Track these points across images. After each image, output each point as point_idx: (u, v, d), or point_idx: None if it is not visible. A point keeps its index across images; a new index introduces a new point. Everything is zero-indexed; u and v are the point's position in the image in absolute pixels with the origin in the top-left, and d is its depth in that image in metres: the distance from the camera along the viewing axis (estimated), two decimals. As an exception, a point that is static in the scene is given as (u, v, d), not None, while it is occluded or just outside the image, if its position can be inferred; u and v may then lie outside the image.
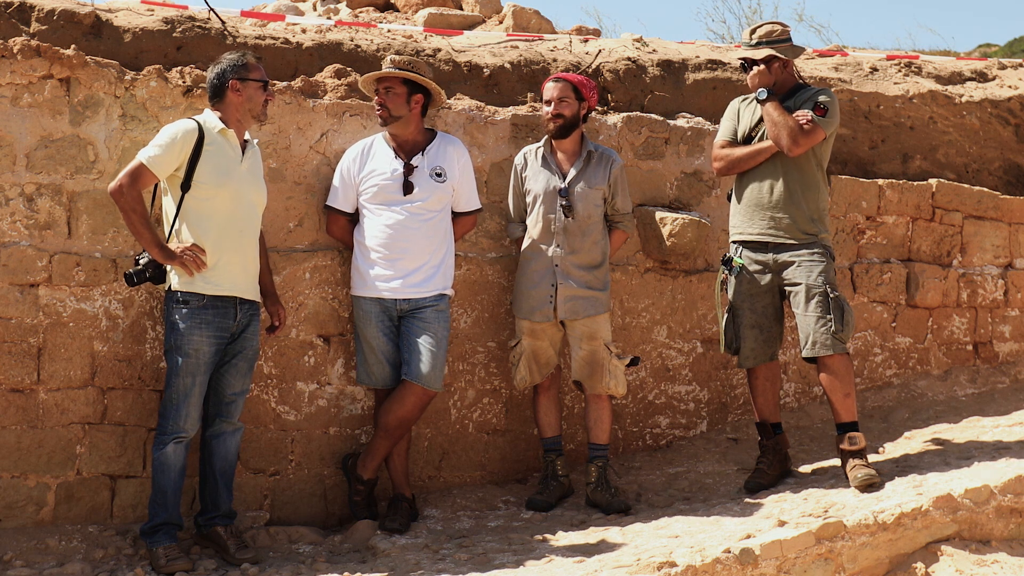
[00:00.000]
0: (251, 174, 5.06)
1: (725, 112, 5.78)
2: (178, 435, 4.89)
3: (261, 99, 5.03)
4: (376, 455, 5.47)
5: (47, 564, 4.86)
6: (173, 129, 4.90)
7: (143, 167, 4.82)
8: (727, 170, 5.66)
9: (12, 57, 5.09)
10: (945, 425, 6.26)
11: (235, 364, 5.03)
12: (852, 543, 4.69)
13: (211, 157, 4.90)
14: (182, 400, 4.88)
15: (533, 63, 6.70)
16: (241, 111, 5.01)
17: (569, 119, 5.67)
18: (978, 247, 7.14)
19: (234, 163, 4.98)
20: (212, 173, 4.89)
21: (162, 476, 4.89)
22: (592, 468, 5.67)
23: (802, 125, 5.40)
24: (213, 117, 4.99)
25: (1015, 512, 4.98)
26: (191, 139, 4.87)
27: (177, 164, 4.86)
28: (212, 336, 4.91)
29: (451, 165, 5.54)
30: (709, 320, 6.42)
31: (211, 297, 4.90)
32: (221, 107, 5.01)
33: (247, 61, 5.02)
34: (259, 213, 5.12)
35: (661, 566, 4.42)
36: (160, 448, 4.89)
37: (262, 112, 5.06)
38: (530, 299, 5.69)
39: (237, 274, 4.96)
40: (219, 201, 4.91)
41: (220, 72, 4.99)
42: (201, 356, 4.90)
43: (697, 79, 6.96)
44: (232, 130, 4.99)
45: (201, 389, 4.93)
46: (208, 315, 4.90)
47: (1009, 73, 8.12)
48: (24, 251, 5.10)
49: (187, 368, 4.88)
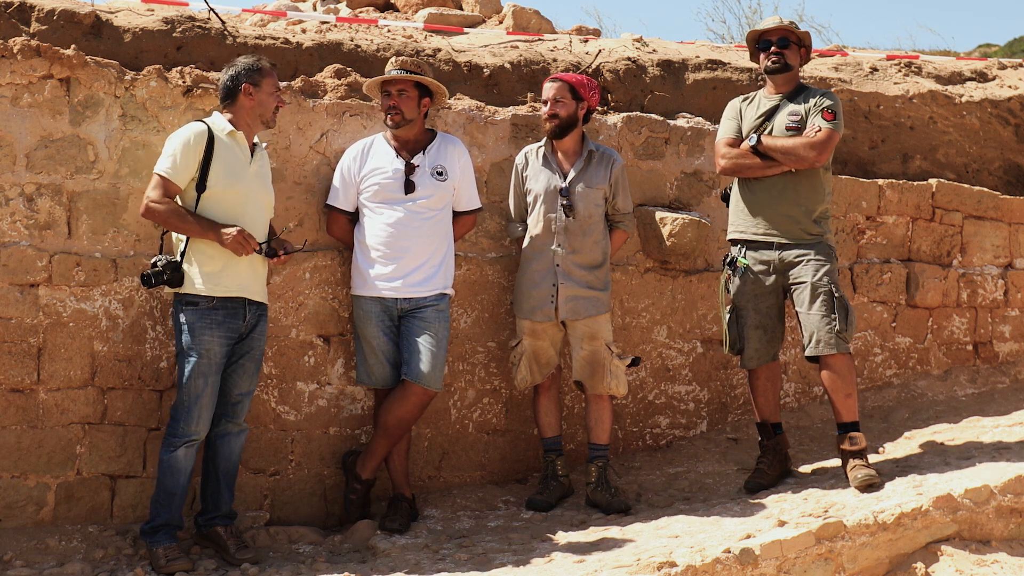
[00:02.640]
0: (259, 176, 5.08)
1: (725, 111, 5.75)
2: (189, 438, 4.90)
3: (272, 105, 5.06)
4: (376, 455, 5.47)
5: (47, 564, 4.86)
6: (184, 134, 4.92)
7: (162, 180, 4.87)
8: (733, 171, 5.62)
9: (12, 57, 5.09)
10: (945, 425, 6.26)
11: (242, 365, 5.04)
12: (852, 543, 4.69)
13: (221, 159, 4.92)
14: (194, 402, 4.88)
15: (533, 63, 6.70)
16: (251, 116, 5.03)
17: (565, 120, 5.67)
18: (978, 247, 7.14)
19: (243, 165, 5.00)
20: (223, 175, 4.91)
21: (170, 479, 4.89)
22: (592, 468, 5.67)
23: (812, 142, 5.40)
24: (222, 119, 5.01)
25: (1015, 512, 4.98)
26: (202, 141, 4.89)
27: (193, 168, 4.88)
28: (223, 336, 4.92)
29: (452, 164, 5.54)
30: (709, 320, 6.42)
31: (220, 298, 4.91)
32: (232, 110, 5.03)
33: (262, 66, 5.05)
34: (268, 215, 5.14)
35: (661, 566, 4.42)
36: (170, 451, 4.89)
37: (272, 118, 5.09)
38: (531, 299, 5.69)
39: (245, 275, 4.97)
40: (229, 203, 4.93)
41: (234, 75, 5.01)
42: (213, 357, 4.90)
43: (697, 79, 6.96)
44: (241, 132, 5.00)
45: (213, 391, 4.93)
46: (219, 316, 4.90)
47: (1009, 73, 8.12)
48: (24, 251, 5.10)
49: (199, 370, 4.88)
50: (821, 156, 5.43)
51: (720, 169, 5.68)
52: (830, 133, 5.43)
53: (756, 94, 5.72)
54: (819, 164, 5.46)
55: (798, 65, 5.64)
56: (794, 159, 5.44)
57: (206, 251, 4.90)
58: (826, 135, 5.42)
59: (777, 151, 5.46)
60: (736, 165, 5.58)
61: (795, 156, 5.43)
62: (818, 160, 5.43)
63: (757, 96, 5.70)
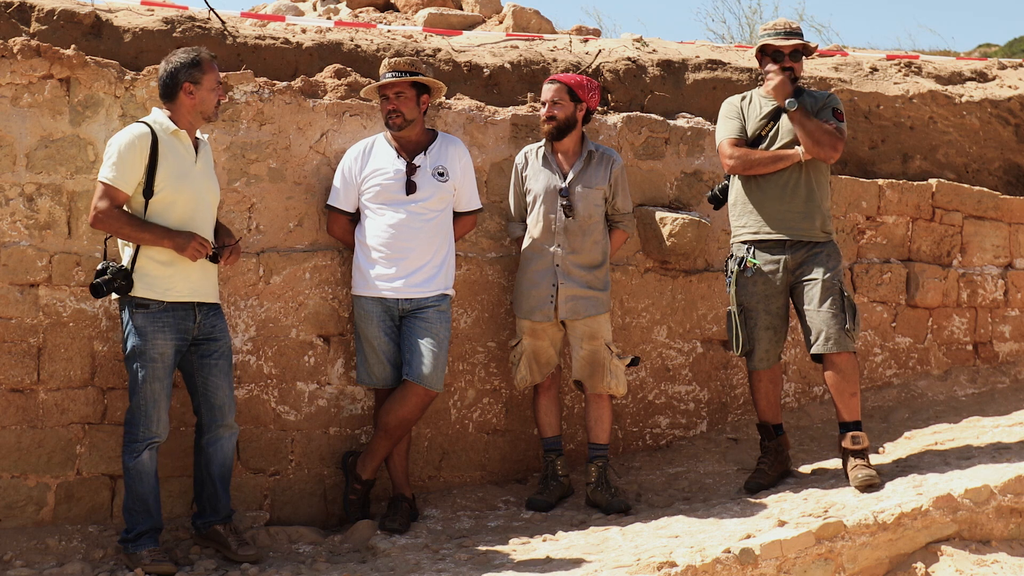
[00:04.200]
0: (204, 173, 4.95)
1: (723, 110, 5.70)
2: (151, 440, 4.81)
3: (214, 100, 4.89)
4: (376, 455, 5.47)
5: (47, 564, 4.86)
6: (126, 138, 4.76)
7: (108, 188, 4.72)
8: (742, 170, 5.56)
9: (12, 57, 5.09)
10: (945, 425, 6.26)
11: (216, 364, 4.95)
12: (852, 543, 4.70)
13: (167, 161, 4.78)
14: (151, 406, 4.80)
15: (533, 63, 6.70)
16: (193, 113, 4.87)
17: (562, 122, 5.67)
18: (978, 247, 7.14)
19: (189, 164, 4.87)
20: (170, 178, 4.78)
21: (140, 484, 4.80)
22: (592, 468, 5.67)
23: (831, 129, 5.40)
24: (163, 117, 4.86)
25: (1015, 512, 4.98)
26: (145, 144, 4.74)
27: (140, 173, 4.74)
28: (174, 339, 4.82)
29: (453, 165, 5.54)
30: (709, 320, 6.42)
31: (170, 302, 4.82)
32: (172, 107, 4.87)
33: (201, 59, 4.86)
34: (215, 211, 5.01)
35: (661, 566, 4.42)
36: (134, 456, 4.80)
37: (214, 113, 4.93)
38: (531, 299, 5.69)
39: (196, 279, 4.86)
40: (179, 206, 4.80)
41: (172, 72, 4.83)
42: (166, 360, 4.81)
43: (697, 79, 6.96)
44: (184, 131, 4.87)
45: (168, 392, 4.84)
46: (168, 318, 4.80)
47: (1009, 73, 8.12)
48: (24, 251, 5.10)
49: (153, 373, 4.78)
50: (835, 154, 5.43)
51: (729, 168, 5.61)
52: (843, 131, 5.45)
53: (751, 93, 5.69)
54: (832, 160, 5.45)
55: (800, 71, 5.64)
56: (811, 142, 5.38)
57: (156, 256, 4.77)
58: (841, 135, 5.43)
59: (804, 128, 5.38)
60: (744, 163, 5.52)
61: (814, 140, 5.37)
62: (832, 156, 5.42)
63: (753, 96, 5.66)
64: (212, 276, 4.97)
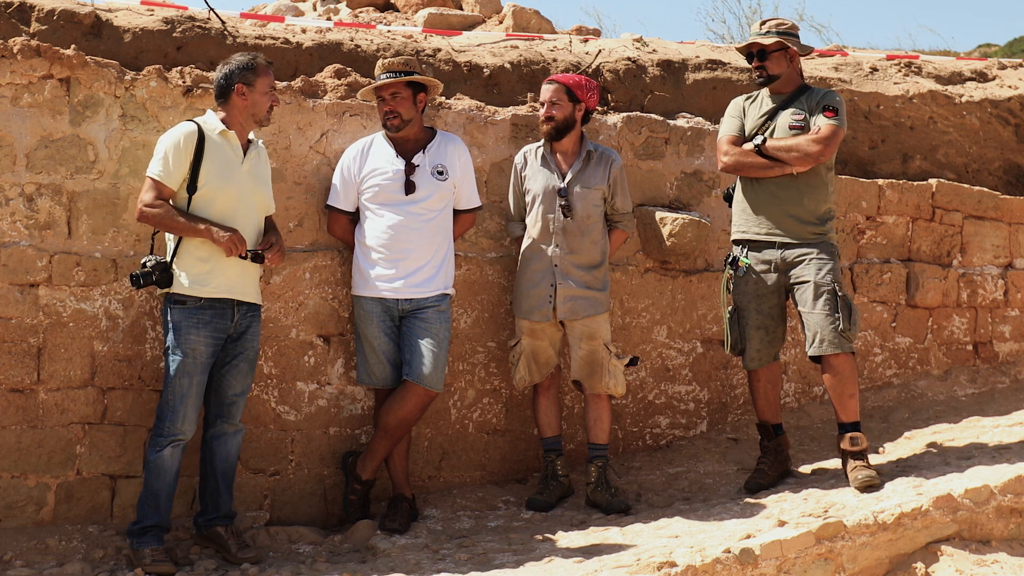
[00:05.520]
0: (253, 176, 5.05)
1: (728, 109, 5.74)
2: (175, 437, 4.88)
3: (266, 104, 5.03)
4: (376, 455, 5.47)
5: (47, 564, 4.86)
6: (174, 136, 4.91)
7: (155, 183, 4.87)
8: (735, 169, 5.59)
9: (12, 57, 5.09)
10: (945, 425, 6.26)
11: (236, 365, 5.02)
12: (852, 543, 4.69)
13: (212, 159, 4.90)
14: (179, 402, 4.87)
15: (533, 63, 6.70)
16: (244, 115, 5.01)
17: (560, 122, 5.67)
18: (978, 247, 7.14)
19: (235, 164, 4.97)
20: (213, 175, 4.90)
21: (157, 479, 4.86)
22: (592, 468, 5.67)
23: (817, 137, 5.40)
24: (214, 118, 4.99)
25: (1015, 512, 4.98)
26: (192, 142, 4.88)
27: (185, 169, 4.87)
28: (209, 336, 4.90)
29: (452, 163, 5.54)
30: (709, 320, 6.42)
31: (208, 299, 4.90)
32: (225, 108, 5.01)
33: (256, 64, 5.01)
34: (261, 216, 5.10)
35: (661, 566, 4.42)
36: (157, 451, 4.87)
37: (266, 117, 5.06)
38: (529, 299, 5.69)
39: (234, 277, 4.94)
40: (220, 203, 4.91)
41: (227, 74, 4.98)
42: (198, 356, 4.89)
43: (697, 79, 6.96)
44: (233, 131, 4.98)
45: (199, 390, 4.92)
46: (205, 315, 4.89)
47: (1009, 73, 8.12)
48: (24, 251, 5.10)
49: (184, 368, 4.86)
50: (826, 150, 5.42)
51: (722, 167, 5.66)
52: (834, 129, 5.43)
53: (759, 93, 5.70)
54: (825, 158, 5.44)
55: (787, 68, 5.59)
56: (798, 156, 5.42)
57: (195, 252, 4.88)
58: (830, 130, 5.42)
59: (781, 150, 5.45)
60: (738, 163, 5.57)
61: (799, 152, 5.42)
62: (823, 154, 5.42)
63: (760, 95, 5.68)
64: (252, 276, 5.04)
